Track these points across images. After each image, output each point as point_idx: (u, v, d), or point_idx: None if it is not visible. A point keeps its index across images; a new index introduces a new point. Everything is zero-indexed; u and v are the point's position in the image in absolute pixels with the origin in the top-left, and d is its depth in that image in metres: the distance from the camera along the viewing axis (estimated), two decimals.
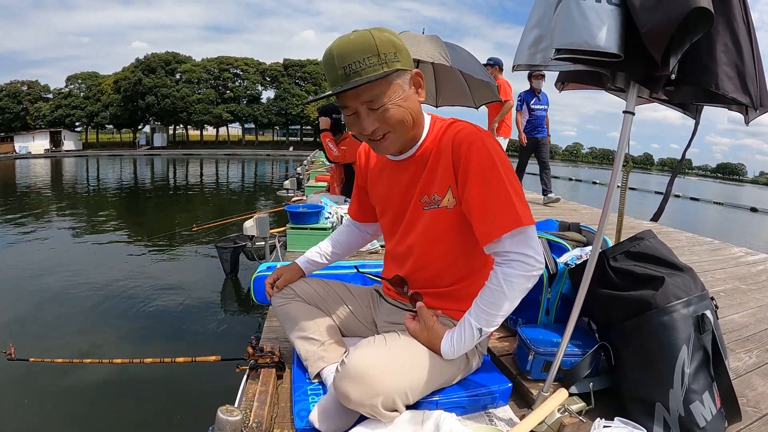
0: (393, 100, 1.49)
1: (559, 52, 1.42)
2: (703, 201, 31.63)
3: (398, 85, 1.49)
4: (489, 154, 1.50)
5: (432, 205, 1.64)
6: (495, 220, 1.48)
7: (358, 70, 1.42)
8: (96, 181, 26.72)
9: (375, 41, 1.42)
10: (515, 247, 1.47)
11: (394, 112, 1.50)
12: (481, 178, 1.50)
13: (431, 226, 1.67)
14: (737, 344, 2.61)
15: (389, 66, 1.43)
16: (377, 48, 1.41)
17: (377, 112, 1.50)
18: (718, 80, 1.37)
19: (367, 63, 1.41)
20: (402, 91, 1.50)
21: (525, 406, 1.85)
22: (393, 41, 1.45)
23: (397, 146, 1.62)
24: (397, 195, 1.77)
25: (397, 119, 1.51)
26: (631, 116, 1.56)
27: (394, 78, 1.47)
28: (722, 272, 4.39)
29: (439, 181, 1.61)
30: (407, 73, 1.51)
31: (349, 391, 1.40)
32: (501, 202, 1.48)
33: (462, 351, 1.60)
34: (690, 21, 1.26)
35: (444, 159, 1.59)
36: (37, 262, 8.26)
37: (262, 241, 6.14)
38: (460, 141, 1.54)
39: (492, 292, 1.50)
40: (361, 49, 1.41)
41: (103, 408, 3.89)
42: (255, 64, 71.35)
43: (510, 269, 1.48)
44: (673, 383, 1.61)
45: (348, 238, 2.17)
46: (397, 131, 1.55)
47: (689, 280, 1.79)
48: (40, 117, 66.13)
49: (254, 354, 1.91)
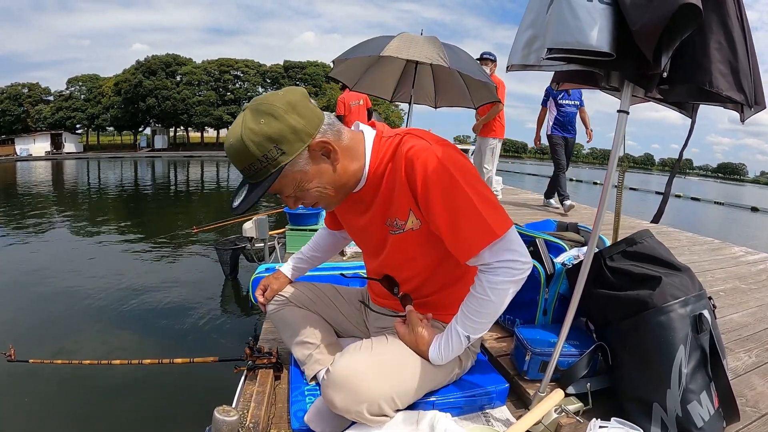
0: (299, 187, 1.46)
1: (552, 51, 1.42)
2: (704, 201, 31.62)
3: (297, 173, 1.43)
4: (445, 167, 1.41)
5: (397, 230, 1.59)
6: (467, 239, 1.41)
7: (251, 176, 1.41)
8: (97, 183, 26.70)
9: (250, 147, 1.34)
10: (496, 257, 1.41)
11: (306, 195, 1.49)
12: (443, 196, 1.41)
13: (402, 248, 1.63)
14: (737, 344, 2.60)
15: (274, 166, 1.38)
16: (255, 153, 1.35)
17: (290, 198, 1.51)
18: (712, 78, 1.37)
19: (253, 170, 1.38)
20: (303, 175, 1.44)
21: (522, 406, 1.85)
22: (269, 135, 1.34)
23: (336, 204, 1.61)
24: (357, 223, 1.73)
25: (312, 198, 1.51)
26: (626, 115, 1.56)
27: (287, 170, 1.40)
28: (722, 272, 4.38)
29: (396, 205, 1.54)
30: (301, 155, 1.41)
31: (333, 398, 1.41)
32: (469, 218, 1.40)
33: (450, 357, 1.58)
34: (679, 17, 1.25)
35: (398, 182, 1.50)
36: (37, 263, 8.27)
37: (262, 243, 6.14)
38: (412, 160, 1.44)
39: (477, 300, 1.46)
40: (240, 159, 1.37)
41: (102, 409, 3.89)
42: (255, 65, 71.41)
43: (495, 276, 1.42)
44: (671, 383, 1.61)
45: (327, 241, 2.15)
46: (321, 203, 1.55)
47: (687, 280, 1.79)
48: (41, 119, 66.25)
49: (252, 355, 1.92)
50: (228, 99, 69.31)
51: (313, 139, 1.41)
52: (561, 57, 1.45)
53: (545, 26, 1.46)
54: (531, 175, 46.65)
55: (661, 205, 1.69)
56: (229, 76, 70.00)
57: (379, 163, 1.55)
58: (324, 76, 65.89)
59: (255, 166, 1.37)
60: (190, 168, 40.49)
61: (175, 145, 72.93)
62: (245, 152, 1.34)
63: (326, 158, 1.46)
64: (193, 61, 70.68)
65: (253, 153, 1.34)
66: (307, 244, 2.16)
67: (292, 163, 1.39)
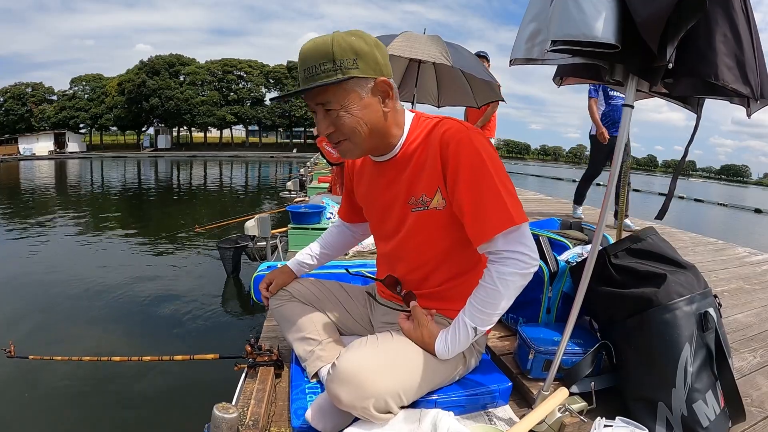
0: (346, 107, 1.48)
1: (556, 44, 1.40)
2: (707, 202, 31.60)
3: (354, 93, 1.47)
4: (478, 152, 1.47)
5: (420, 207, 1.61)
6: (487, 220, 1.45)
7: (314, 75, 1.43)
8: (100, 182, 26.80)
9: (332, 47, 1.41)
10: (509, 246, 1.45)
11: (346, 119, 1.49)
12: (471, 178, 1.47)
13: (420, 228, 1.65)
14: (741, 344, 2.58)
15: (344, 73, 1.42)
16: (333, 54, 1.41)
17: (331, 116, 1.50)
18: (718, 71, 1.35)
19: (321, 69, 1.42)
20: (358, 99, 1.48)
21: (525, 405, 1.83)
22: (355, 48, 1.43)
23: (357, 153, 1.61)
24: (381, 197, 1.75)
25: (348, 127, 1.50)
26: (630, 109, 1.55)
27: (350, 85, 1.46)
28: (726, 272, 4.36)
29: (426, 182, 1.59)
30: (368, 81, 1.48)
31: (339, 393, 1.39)
32: (492, 202, 1.45)
33: (457, 351, 1.58)
34: (683, 7, 1.25)
35: (431, 159, 1.56)
36: (39, 260, 8.33)
37: (264, 241, 6.14)
38: (448, 140, 1.51)
39: (486, 291, 1.48)
40: (317, 54, 1.42)
41: (102, 405, 3.92)
42: (259, 66, 71.66)
43: (504, 267, 1.45)
44: (676, 382, 1.59)
45: (338, 239, 2.16)
46: (351, 139, 1.54)
47: (692, 278, 1.77)
48: (45, 119, 66.51)
49: (253, 352, 1.90)
50: (231, 99, 69.64)
51: (384, 77, 1.50)
52: (565, 49, 1.44)
53: (549, 18, 1.44)
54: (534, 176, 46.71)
55: (665, 201, 1.67)
56: (233, 77, 70.29)
57: (414, 138, 1.62)
58: None
59: (325, 67, 1.41)
60: (193, 168, 40.61)
61: (179, 145, 73.21)
62: (326, 51, 1.41)
63: (381, 101, 1.53)
64: (197, 62, 71.04)
65: (333, 53, 1.40)
66: (316, 240, 2.16)
67: (357, 81, 1.45)
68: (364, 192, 1.85)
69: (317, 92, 1.46)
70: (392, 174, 1.67)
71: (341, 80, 1.42)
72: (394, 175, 1.67)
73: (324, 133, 1.53)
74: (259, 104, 71.18)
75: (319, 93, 1.46)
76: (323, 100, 1.47)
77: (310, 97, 1.49)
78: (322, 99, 1.47)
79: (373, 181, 1.77)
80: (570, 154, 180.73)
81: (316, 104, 1.50)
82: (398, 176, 1.65)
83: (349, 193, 2.03)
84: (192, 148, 71.78)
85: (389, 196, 1.70)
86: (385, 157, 1.67)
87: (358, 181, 1.88)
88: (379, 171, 1.72)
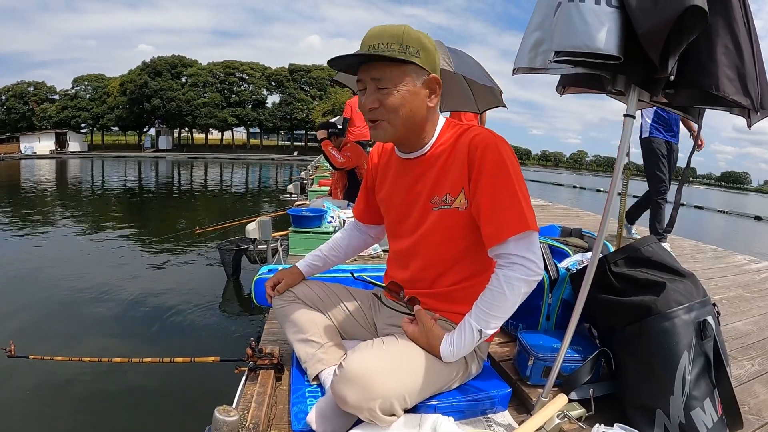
0: (398, 87, 1.54)
1: (560, 54, 1.42)
2: (707, 210, 31.57)
3: (409, 78, 1.55)
4: (502, 159, 1.54)
5: (443, 206, 1.66)
6: (502, 222, 1.52)
7: (379, 51, 1.51)
8: (101, 182, 26.79)
9: (403, 33, 1.51)
10: (518, 251, 1.51)
11: (394, 98, 1.55)
12: (493, 182, 1.54)
13: (440, 226, 1.68)
14: (740, 352, 2.59)
15: (407, 57, 1.51)
16: (403, 38, 1.50)
17: (381, 92, 1.56)
18: (719, 82, 1.37)
19: (388, 47, 1.50)
20: (411, 85, 1.55)
21: (524, 411, 1.83)
22: (422, 41, 1.54)
23: (390, 135, 1.64)
24: (403, 193, 1.79)
25: (394, 105, 1.56)
26: (632, 119, 1.56)
27: (408, 70, 1.54)
28: (725, 280, 4.37)
29: (452, 182, 1.64)
30: (424, 73, 1.56)
31: (346, 394, 1.40)
32: (510, 205, 1.52)
33: (462, 353, 1.60)
34: (685, 20, 1.26)
35: (458, 161, 1.61)
36: (39, 261, 8.31)
37: (264, 244, 6.14)
38: (476, 145, 1.57)
39: (493, 294, 1.53)
40: (389, 34, 1.51)
41: (102, 406, 3.90)
42: (261, 68, 71.61)
43: (511, 272, 1.51)
44: (674, 390, 1.60)
45: (349, 242, 2.17)
46: (391, 121, 1.59)
47: (691, 286, 1.79)
48: (46, 118, 66.54)
49: (253, 355, 1.91)
50: (233, 101, 69.62)
51: (436, 76, 1.61)
52: (568, 60, 1.46)
53: (552, 29, 1.46)
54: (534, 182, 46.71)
55: (672, 214, 1.69)
56: (234, 79, 70.26)
57: (444, 140, 1.69)
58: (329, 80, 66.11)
59: (391, 47, 1.50)
60: (194, 169, 40.59)
61: (180, 146, 73.17)
62: (396, 34, 1.51)
63: (428, 95, 1.62)
64: (199, 63, 71.01)
65: (403, 38, 1.51)
66: (326, 242, 2.18)
67: (416, 68, 1.55)
68: (388, 189, 1.88)
69: (377, 66, 1.54)
70: (418, 172, 1.73)
71: (404, 61, 1.51)
72: (420, 173, 1.72)
73: (368, 107, 1.59)
74: (260, 106, 71.11)
75: (379, 68, 1.54)
76: (379, 75, 1.55)
77: (367, 70, 1.57)
78: (379, 74, 1.55)
79: (397, 179, 1.82)
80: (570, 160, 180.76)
81: (371, 78, 1.56)
82: (424, 174, 1.71)
83: (368, 193, 2.06)
84: (193, 149, 71.80)
85: (413, 194, 1.75)
86: (413, 154, 1.73)
87: (382, 179, 1.92)
88: (406, 168, 1.77)
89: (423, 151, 1.71)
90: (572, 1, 1.35)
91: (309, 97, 69.92)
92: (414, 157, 1.73)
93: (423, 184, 1.71)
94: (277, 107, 70.86)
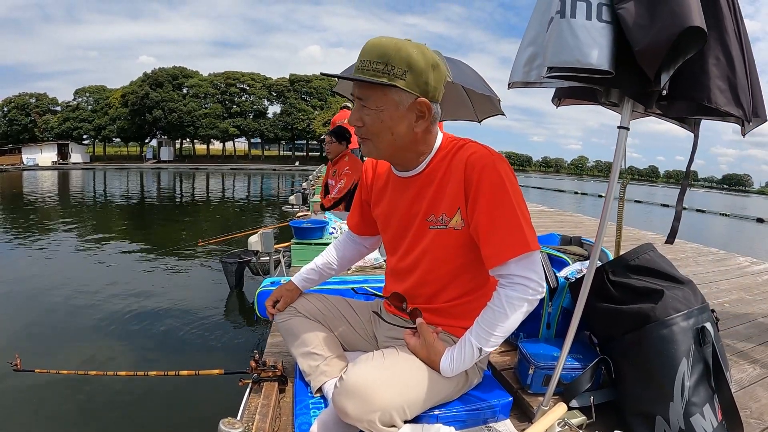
0: (379, 109, 1.53)
1: (552, 70, 1.44)
2: (709, 213, 31.53)
3: (392, 101, 1.52)
4: (501, 178, 1.51)
5: (439, 225, 1.64)
6: (502, 245, 1.49)
7: (365, 69, 1.50)
8: (103, 193, 26.81)
9: (392, 52, 1.47)
10: (520, 271, 1.49)
11: (375, 121, 1.55)
12: (491, 202, 1.51)
13: (436, 245, 1.67)
14: (741, 355, 2.60)
15: (390, 79, 1.47)
16: (390, 58, 1.47)
17: (363, 112, 1.56)
18: (711, 94, 1.39)
19: (373, 66, 1.48)
20: (393, 108, 1.53)
21: (526, 420, 1.84)
22: (411, 61, 1.48)
23: (376, 155, 1.66)
24: (400, 211, 1.77)
25: (374, 129, 1.56)
26: (626, 131, 1.57)
27: (389, 92, 1.50)
28: (727, 283, 4.37)
29: (448, 201, 1.61)
30: (410, 96, 1.52)
31: (346, 406, 1.41)
32: (509, 226, 1.49)
33: (461, 369, 1.60)
34: (683, 39, 1.27)
35: (455, 180, 1.59)
36: (42, 274, 8.31)
37: (267, 256, 6.16)
38: (473, 163, 1.54)
39: (494, 313, 1.52)
40: (375, 52, 1.49)
41: (107, 420, 3.90)
42: (261, 79, 71.81)
43: (513, 292, 1.50)
44: (673, 396, 1.61)
45: (344, 253, 2.16)
46: (374, 141, 1.60)
47: (689, 293, 1.80)
48: (48, 129, 66.83)
49: (257, 368, 1.92)
50: (234, 112, 69.78)
51: (425, 98, 1.54)
52: (561, 75, 1.48)
53: (545, 45, 1.48)
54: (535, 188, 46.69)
55: (673, 224, 1.70)
56: (236, 89, 70.48)
57: (441, 158, 1.66)
58: (329, 90, 66.20)
59: (377, 66, 1.48)
60: (196, 180, 40.62)
61: (181, 157, 73.42)
62: (383, 52, 1.48)
63: (414, 119, 1.57)
64: (200, 74, 71.24)
65: (390, 57, 1.47)
66: (320, 255, 2.16)
67: (398, 91, 1.50)
68: (385, 206, 1.86)
69: (361, 85, 1.54)
70: (415, 190, 1.70)
71: (383, 84, 1.48)
72: (416, 192, 1.70)
73: (353, 123, 1.59)
74: (261, 117, 71.28)
75: (362, 87, 1.54)
76: (363, 95, 1.54)
77: (354, 86, 1.57)
78: (362, 93, 1.54)
79: (394, 196, 1.80)
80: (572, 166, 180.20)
81: (356, 96, 1.57)
82: (421, 193, 1.69)
83: (363, 205, 2.04)
84: (195, 160, 72.00)
85: (410, 211, 1.73)
86: (408, 173, 1.71)
87: (378, 195, 1.90)
88: (403, 186, 1.75)
89: (419, 170, 1.69)
90: (563, 18, 1.37)
91: (310, 107, 70.17)
92: (410, 176, 1.72)
93: (419, 202, 1.69)
94: (278, 117, 71.11)
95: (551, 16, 1.43)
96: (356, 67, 1.53)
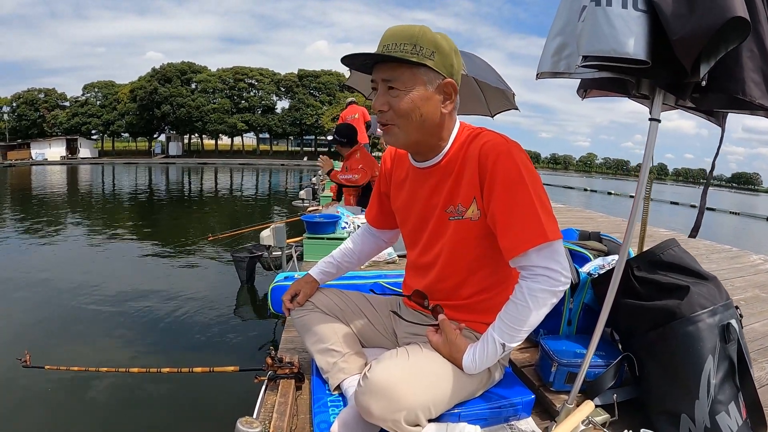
0: (409, 90, 1.50)
1: (587, 59, 1.40)
2: (719, 211, 31.40)
3: (421, 81, 1.50)
4: (516, 166, 1.47)
5: (456, 216, 1.61)
6: (520, 234, 1.45)
7: (392, 51, 1.47)
8: (111, 188, 26.93)
9: (418, 34, 1.46)
10: (541, 261, 1.44)
11: (404, 101, 1.51)
12: (507, 191, 1.47)
13: (456, 237, 1.64)
14: (759, 353, 2.57)
15: (419, 59, 1.46)
16: (417, 40, 1.46)
17: (390, 95, 1.53)
18: (745, 86, 1.35)
19: (401, 48, 1.46)
20: (423, 89, 1.51)
21: (548, 418, 1.82)
22: (437, 42, 1.48)
23: (402, 141, 1.61)
24: (420, 203, 1.75)
25: (403, 110, 1.52)
26: (657, 123, 1.54)
27: (420, 72, 1.49)
28: (741, 280, 4.34)
29: (464, 191, 1.59)
30: (438, 76, 1.51)
31: (371, 405, 1.39)
32: (526, 216, 1.45)
33: (484, 366, 1.57)
34: (725, 30, 1.24)
35: (469, 170, 1.56)
36: (52, 269, 8.34)
37: (279, 251, 6.14)
38: (487, 152, 1.51)
39: (517, 307, 1.47)
40: (404, 35, 1.47)
41: (119, 417, 3.88)
42: (270, 74, 71.99)
43: (535, 284, 1.44)
44: (699, 394, 1.59)
45: (362, 247, 2.13)
46: (402, 126, 1.55)
47: (714, 289, 1.77)
48: (57, 124, 67.16)
49: (273, 365, 1.90)
50: (242, 107, 70.01)
51: (452, 80, 1.54)
52: (595, 65, 1.44)
53: (578, 34, 1.44)
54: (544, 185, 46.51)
55: (697, 218, 1.66)
56: (244, 84, 70.62)
57: (459, 147, 1.63)
58: (338, 85, 66.23)
59: (405, 47, 1.46)
60: (204, 175, 40.75)
61: (190, 152, 73.62)
62: (411, 34, 1.47)
63: (442, 100, 1.56)
64: (208, 69, 71.49)
65: (417, 39, 1.46)
66: (337, 248, 2.14)
67: (427, 71, 1.49)
68: (404, 199, 1.83)
69: (388, 67, 1.51)
70: (434, 181, 1.68)
71: (415, 63, 1.46)
72: (435, 183, 1.68)
73: (378, 108, 1.56)
74: (269, 112, 71.53)
75: (390, 69, 1.51)
76: (390, 77, 1.51)
77: (379, 70, 1.54)
78: (390, 75, 1.51)
79: (414, 189, 1.77)
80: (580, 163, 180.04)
81: (382, 79, 1.53)
82: (440, 184, 1.66)
83: (382, 197, 2.01)
84: (203, 155, 72.29)
85: (429, 203, 1.71)
86: (428, 162, 1.68)
87: (397, 187, 1.87)
88: (422, 178, 1.72)
89: (437, 159, 1.66)
90: (599, 6, 1.33)
91: (318, 103, 70.28)
92: (429, 166, 1.69)
93: (438, 193, 1.67)
94: (286, 113, 71.28)
95: (584, 5, 1.40)
96: (380, 51, 1.50)
